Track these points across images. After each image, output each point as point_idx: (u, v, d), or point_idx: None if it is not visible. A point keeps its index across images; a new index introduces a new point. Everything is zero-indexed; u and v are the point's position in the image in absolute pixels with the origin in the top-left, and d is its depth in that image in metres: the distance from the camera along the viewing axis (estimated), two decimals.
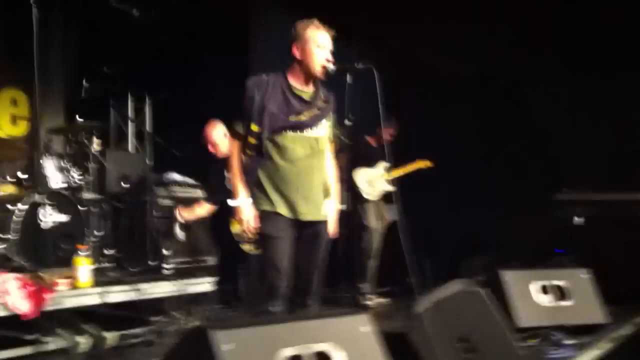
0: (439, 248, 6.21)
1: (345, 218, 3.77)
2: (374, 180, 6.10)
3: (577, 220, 5.91)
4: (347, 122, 3.74)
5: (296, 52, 3.44)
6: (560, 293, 4.35)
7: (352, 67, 3.56)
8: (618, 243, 5.52)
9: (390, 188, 6.11)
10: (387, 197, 6.19)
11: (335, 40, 3.52)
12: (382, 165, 6.15)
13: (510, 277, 4.29)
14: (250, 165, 3.41)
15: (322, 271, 3.55)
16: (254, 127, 3.37)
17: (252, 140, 3.38)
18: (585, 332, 4.18)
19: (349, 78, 3.62)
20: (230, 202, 3.43)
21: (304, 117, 3.43)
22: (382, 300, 6.08)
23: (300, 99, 3.46)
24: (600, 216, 5.76)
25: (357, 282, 6.03)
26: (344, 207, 3.65)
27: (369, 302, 5.92)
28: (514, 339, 3.40)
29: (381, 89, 3.53)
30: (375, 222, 6.09)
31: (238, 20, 7.10)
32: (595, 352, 3.98)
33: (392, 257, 5.45)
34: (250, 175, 3.41)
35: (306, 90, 3.49)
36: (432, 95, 6.92)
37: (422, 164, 6.22)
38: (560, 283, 4.38)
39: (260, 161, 3.40)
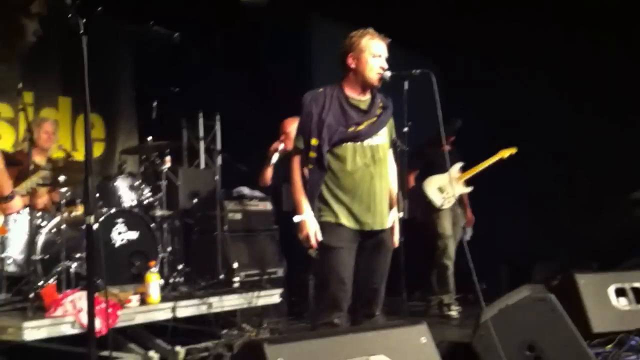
0: (512, 252, 6.02)
1: (408, 227, 3.71)
2: (446, 186, 5.91)
3: None
4: (405, 129, 3.71)
5: (351, 63, 3.45)
6: (638, 296, 4.15)
7: (409, 74, 3.53)
8: None
9: (465, 190, 5.99)
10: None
11: (392, 47, 3.50)
12: (455, 168, 6.00)
13: (585, 281, 4.13)
14: (312, 179, 3.43)
15: (386, 281, 3.52)
16: (314, 141, 3.39)
17: (312, 154, 3.40)
18: None
19: (406, 84, 3.59)
20: (295, 218, 3.42)
21: (362, 127, 3.43)
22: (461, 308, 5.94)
23: (357, 109, 3.46)
24: None
25: (435, 292, 5.92)
26: (402, 215, 3.59)
27: (452, 313, 5.79)
28: (586, 346, 3.25)
29: (439, 94, 3.47)
30: (451, 229, 5.93)
31: (298, 35, 7.16)
32: None
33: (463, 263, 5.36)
34: (313, 189, 3.42)
35: (363, 99, 3.49)
36: (494, 96, 6.80)
37: (506, 152, 5.94)
38: (638, 285, 4.18)
39: (321, 174, 3.41)
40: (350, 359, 2.42)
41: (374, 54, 3.42)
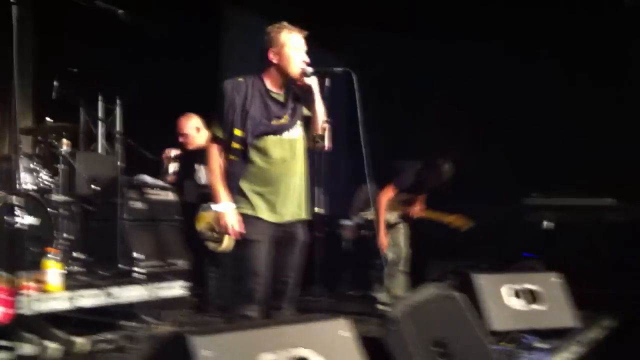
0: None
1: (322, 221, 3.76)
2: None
3: (546, 224, 5.99)
4: (325, 125, 3.73)
5: (273, 57, 3.44)
6: (532, 297, 4.39)
7: (330, 71, 3.56)
8: (587, 247, 5.61)
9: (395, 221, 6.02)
10: None
11: (312, 44, 3.53)
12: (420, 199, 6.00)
13: (482, 281, 4.32)
14: (233, 170, 3.41)
15: (299, 275, 3.55)
16: (238, 132, 3.37)
17: (235, 145, 3.38)
18: (556, 336, 4.23)
19: (327, 81, 3.62)
20: (213, 206, 3.39)
21: (283, 121, 3.45)
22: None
23: (277, 102, 3.47)
24: (570, 221, 5.85)
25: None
26: (321, 210, 3.63)
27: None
28: (490, 344, 3.41)
29: (360, 92, 3.53)
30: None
31: (209, 22, 7.07)
32: (566, 355, 4.04)
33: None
34: (235, 181, 3.40)
35: (281, 93, 3.49)
36: (406, 97, 6.99)
37: (460, 222, 5.95)
38: (532, 287, 4.42)
39: (244, 166, 3.40)
40: (273, 350, 2.42)
41: (294, 47, 3.43)
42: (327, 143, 3.54)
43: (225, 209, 3.36)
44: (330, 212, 5.78)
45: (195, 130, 5.31)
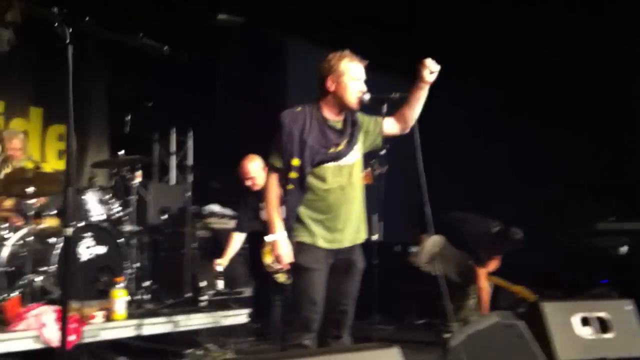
0: None
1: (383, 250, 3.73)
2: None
3: (622, 250, 5.74)
4: (382, 152, 3.73)
5: (330, 85, 3.43)
6: (603, 325, 4.21)
7: (388, 97, 3.55)
8: None
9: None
10: None
11: (371, 70, 3.53)
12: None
13: (550, 309, 4.17)
14: (291, 199, 3.40)
15: (355, 302, 3.52)
16: (295, 162, 3.37)
17: (293, 175, 3.38)
18: None
19: (384, 107, 3.61)
20: (267, 237, 3.40)
21: (341, 147, 3.45)
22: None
23: (334, 129, 3.46)
24: None
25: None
26: (377, 237, 3.60)
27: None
28: None
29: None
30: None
31: (273, 55, 7.20)
32: None
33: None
34: (292, 209, 3.39)
35: (339, 120, 3.50)
36: (468, 120, 6.91)
37: (526, 294, 5.74)
38: (603, 315, 4.23)
39: (301, 195, 3.39)
40: None
41: (352, 77, 3.42)
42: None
43: (279, 239, 3.36)
44: (386, 238, 5.71)
45: (261, 171, 5.29)
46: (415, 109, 3.47)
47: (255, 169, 5.18)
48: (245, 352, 4.74)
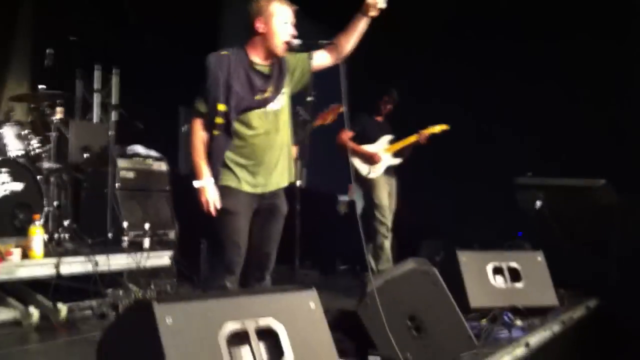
0: (401, 229, 6.19)
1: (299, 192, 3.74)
2: None
3: (538, 204, 5.98)
4: (309, 98, 3.72)
5: (259, 27, 3.38)
6: (515, 275, 4.42)
7: (316, 43, 3.53)
8: (573, 228, 5.61)
9: (393, 161, 5.86)
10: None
11: (299, 16, 3.50)
12: (385, 139, 5.89)
13: (466, 258, 4.36)
14: (217, 144, 3.37)
15: (278, 246, 3.56)
16: (221, 107, 3.34)
17: (219, 120, 3.35)
18: (536, 314, 4.26)
19: (313, 55, 3.59)
20: (194, 183, 3.37)
21: (267, 94, 3.42)
22: None
23: (261, 74, 3.43)
24: (558, 201, 5.84)
25: (371, 265, 5.65)
26: (300, 182, 3.63)
27: None
28: (464, 319, 3.43)
29: (344, 65, 3.50)
30: (387, 199, 5.83)
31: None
32: (544, 333, 4.06)
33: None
34: (218, 155, 3.37)
35: (266, 65, 3.46)
36: (404, 70, 6.96)
37: (437, 128, 5.78)
38: (515, 265, 4.45)
39: (227, 140, 3.37)
40: (239, 319, 2.44)
41: (282, 20, 3.39)
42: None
43: (206, 185, 3.34)
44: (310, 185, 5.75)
45: None
46: (351, 39, 3.49)
47: None
48: (168, 293, 4.73)
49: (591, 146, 6.21)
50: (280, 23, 3.38)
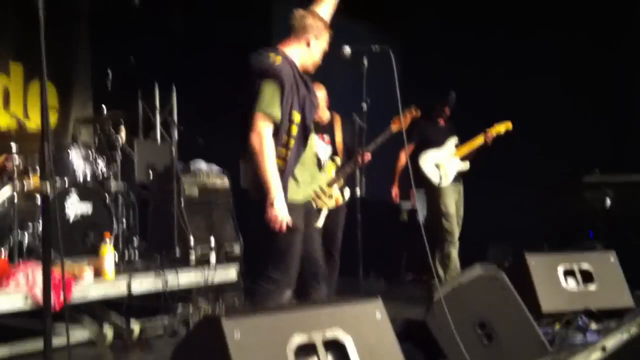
0: (467, 234, 6.09)
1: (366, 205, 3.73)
2: (443, 162, 5.68)
3: (608, 202, 5.80)
4: (364, 105, 3.72)
5: (310, 42, 3.31)
6: (587, 277, 4.28)
7: (368, 49, 3.53)
8: None
9: (463, 166, 5.71)
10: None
11: (353, 22, 3.50)
12: (451, 143, 5.73)
13: (535, 261, 4.24)
14: (291, 157, 3.21)
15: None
16: (296, 116, 3.16)
17: (294, 130, 3.17)
18: (611, 317, 4.11)
19: (365, 60, 3.59)
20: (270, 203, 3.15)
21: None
22: None
23: (306, 84, 3.32)
24: (628, 198, 5.65)
25: (437, 274, 5.56)
26: (360, 192, 3.62)
27: None
28: (536, 324, 3.34)
29: (398, 70, 3.46)
30: (454, 207, 5.71)
31: (259, 10, 7.09)
32: (620, 336, 3.92)
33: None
34: (290, 168, 3.22)
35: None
36: (457, 71, 6.88)
37: (501, 127, 5.59)
38: (587, 267, 4.31)
39: (299, 152, 3.24)
40: (306, 332, 2.44)
41: (324, 48, 3.36)
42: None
43: (279, 206, 3.12)
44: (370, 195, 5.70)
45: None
46: None
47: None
48: (235, 307, 4.78)
49: None
50: (322, 49, 3.35)
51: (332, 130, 4.77)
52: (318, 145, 4.46)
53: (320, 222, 4.04)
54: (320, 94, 4.59)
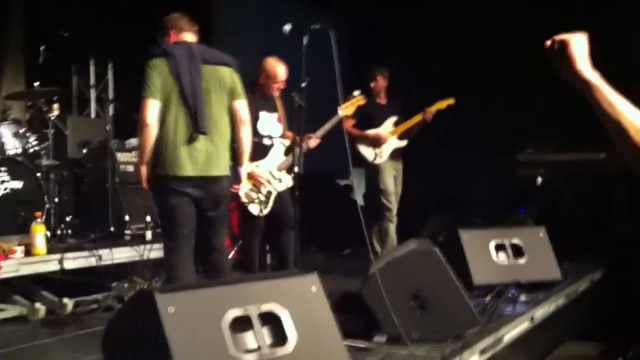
0: (405, 206, 6.16)
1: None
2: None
3: (539, 180, 5.97)
4: (303, 84, 3.72)
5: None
6: (517, 251, 4.42)
7: (308, 28, 3.52)
8: (574, 201, 5.62)
9: (400, 144, 5.73)
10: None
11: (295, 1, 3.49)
12: (389, 122, 5.73)
13: (468, 236, 4.36)
14: None
15: None
16: None
17: None
18: (540, 289, 4.27)
19: (305, 39, 3.58)
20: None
21: None
22: None
23: None
24: (559, 175, 5.84)
25: (376, 249, 5.59)
26: (297, 169, 3.64)
27: None
28: (467, 296, 3.44)
29: (337, 49, 3.48)
30: (393, 184, 5.72)
31: None
32: (548, 307, 4.07)
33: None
34: None
35: None
36: (398, 50, 6.93)
37: (443, 103, 5.59)
38: (517, 241, 4.45)
39: None
40: (242, 306, 2.45)
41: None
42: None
43: None
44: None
45: None
46: None
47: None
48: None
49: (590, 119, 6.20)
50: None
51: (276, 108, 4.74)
52: (270, 122, 4.47)
53: (268, 207, 4.19)
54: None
